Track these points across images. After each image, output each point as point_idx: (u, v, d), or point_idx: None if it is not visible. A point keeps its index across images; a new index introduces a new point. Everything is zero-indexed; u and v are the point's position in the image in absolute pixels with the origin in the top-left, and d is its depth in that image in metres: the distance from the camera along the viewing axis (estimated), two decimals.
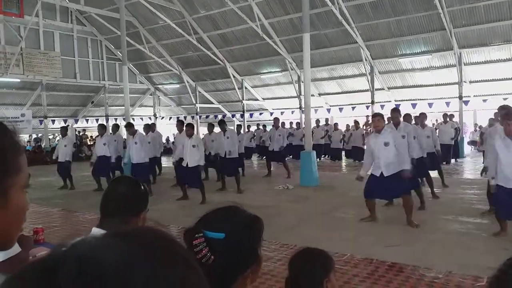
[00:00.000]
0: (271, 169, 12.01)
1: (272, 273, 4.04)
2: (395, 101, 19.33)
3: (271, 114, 23.20)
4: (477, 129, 16.43)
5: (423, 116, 8.11)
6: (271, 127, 13.68)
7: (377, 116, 5.82)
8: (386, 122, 6.21)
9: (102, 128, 10.34)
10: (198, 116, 23.51)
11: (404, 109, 18.54)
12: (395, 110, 6.53)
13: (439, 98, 17.85)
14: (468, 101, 16.94)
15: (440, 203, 7.18)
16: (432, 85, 17.84)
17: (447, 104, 17.33)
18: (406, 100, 18.90)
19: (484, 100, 17.08)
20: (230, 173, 9.34)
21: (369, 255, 4.52)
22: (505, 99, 16.63)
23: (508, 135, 4.69)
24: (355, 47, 17.04)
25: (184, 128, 8.32)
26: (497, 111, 6.27)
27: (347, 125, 16.48)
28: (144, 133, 10.18)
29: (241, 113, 22.85)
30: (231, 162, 9.33)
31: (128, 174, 8.46)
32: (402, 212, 5.92)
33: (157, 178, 11.32)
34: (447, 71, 16.86)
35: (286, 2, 16.38)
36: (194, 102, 23.65)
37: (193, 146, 7.96)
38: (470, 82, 16.84)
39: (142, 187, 1.61)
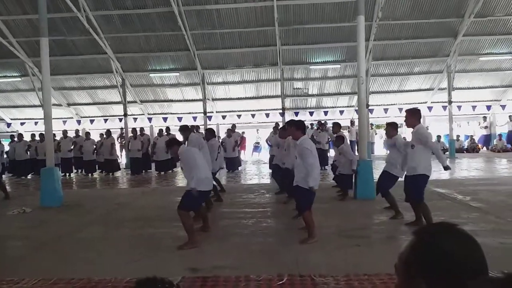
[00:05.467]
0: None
1: None
2: (148, 114, 19.92)
3: (9, 125, 20.05)
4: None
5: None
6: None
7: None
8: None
9: None
10: None
11: (157, 123, 19.39)
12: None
13: (187, 113, 19.41)
14: (212, 116, 19.09)
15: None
16: (181, 101, 19.25)
17: (194, 118, 19.06)
18: (158, 114, 19.75)
19: (224, 117, 19.62)
20: None
21: (107, 275, 4.45)
22: (239, 116, 19.62)
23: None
24: (105, 58, 16.64)
25: None
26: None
27: (101, 134, 15.61)
28: None
29: None
30: None
31: None
32: (133, 227, 6.16)
33: None
34: (193, 89, 18.54)
35: (23, 1, 14.53)
36: None
37: None
38: (213, 99, 19.03)
39: None
